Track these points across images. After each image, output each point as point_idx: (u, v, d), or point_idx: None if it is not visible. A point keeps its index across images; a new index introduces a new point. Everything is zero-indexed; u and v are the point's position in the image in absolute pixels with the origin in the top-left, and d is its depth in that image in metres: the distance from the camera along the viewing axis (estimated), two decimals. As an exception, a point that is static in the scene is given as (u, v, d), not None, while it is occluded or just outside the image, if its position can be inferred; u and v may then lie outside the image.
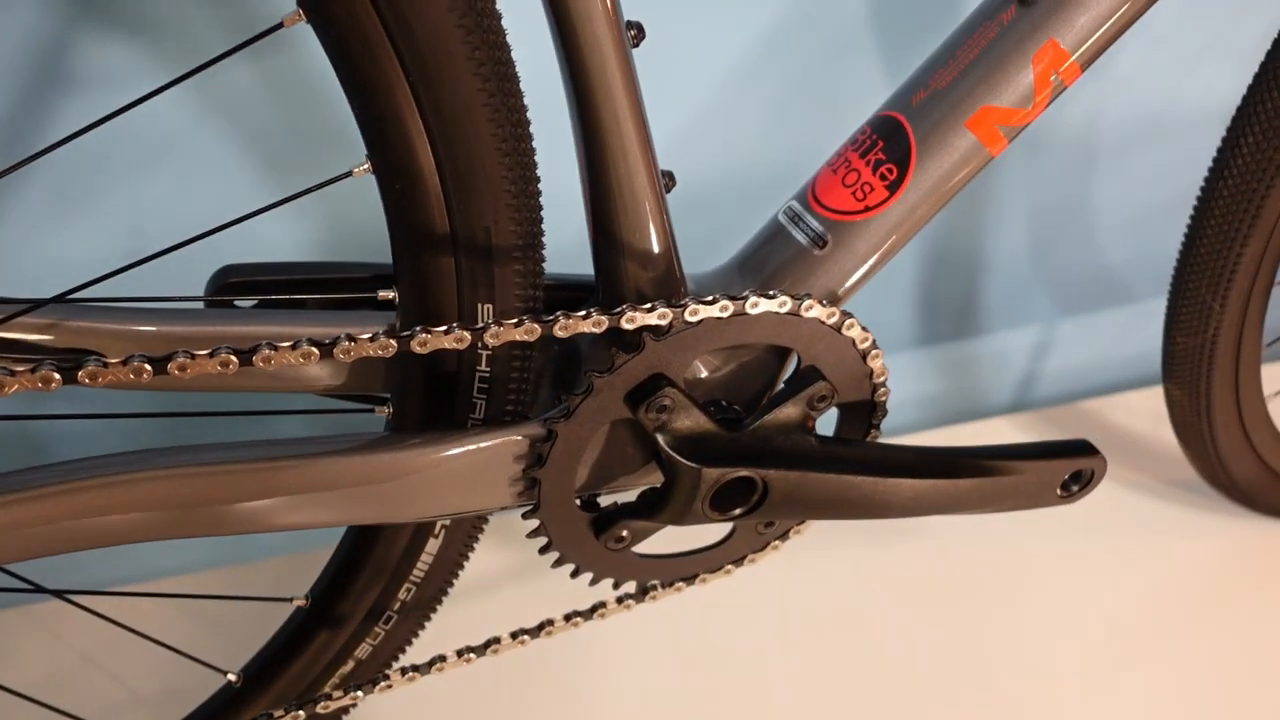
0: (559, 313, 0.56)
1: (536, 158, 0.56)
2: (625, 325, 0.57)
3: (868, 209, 0.63)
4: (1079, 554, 1.08)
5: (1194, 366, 0.88)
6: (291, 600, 0.71)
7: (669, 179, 0.60)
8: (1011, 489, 0.69)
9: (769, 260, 0.66)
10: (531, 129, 0.56)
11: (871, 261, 0.64)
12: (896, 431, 1.31)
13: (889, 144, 0.63)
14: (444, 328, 0.53)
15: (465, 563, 0.71)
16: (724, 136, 1.07)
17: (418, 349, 0.53)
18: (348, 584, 0.69)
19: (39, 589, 0.64)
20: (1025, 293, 1.35)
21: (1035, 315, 1.37)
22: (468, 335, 0.53)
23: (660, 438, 0.61)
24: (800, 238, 0.65)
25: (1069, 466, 0.70)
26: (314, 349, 0.51)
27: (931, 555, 1.08)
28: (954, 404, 1.39)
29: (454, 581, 0.72)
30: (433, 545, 0.68)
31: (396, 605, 0.70)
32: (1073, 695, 0.93)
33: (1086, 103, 1.24)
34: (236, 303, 0.67)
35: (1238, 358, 0.88)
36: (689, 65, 1.02)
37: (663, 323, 0.58)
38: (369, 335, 0.52)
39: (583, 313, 0.56)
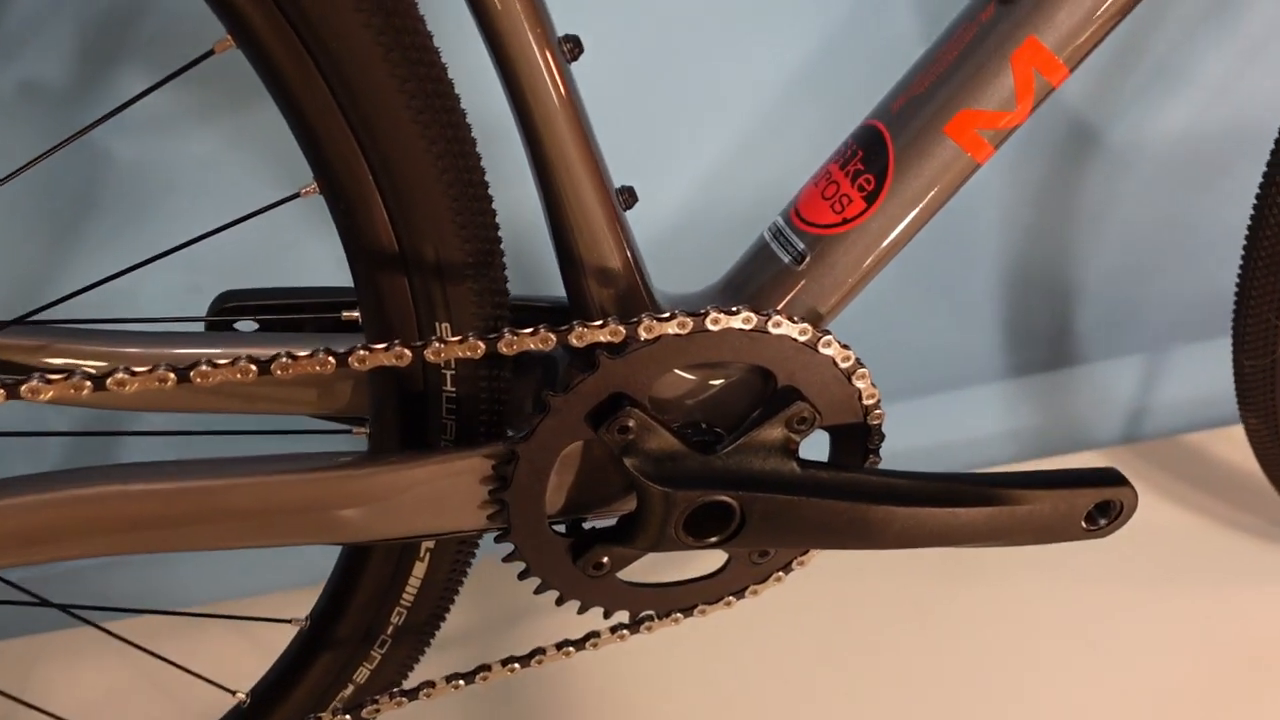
0: (505, 329, 0.55)
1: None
2: (574, 342, 0.56)
3: (845, 221, 0.61)
4: (1173, 599, 1.00)
5: (1265, 391, 0.80)
6: (291, 621, 0.72)
7: (628, 195, 0.59)
8: (1025, 520, 0.64)
9: (752, 278, 0.64)
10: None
11: (853, 278, 0.62)
12: (987, 465, 1.25)
13: (868, 154, 0.60)
14: (384, 345, 0.53)
15: (458, 587, 0.71)
16: (775, 162, 1.05)
17: (356, 365, 0.53)
18: (343, 607, 0.70)
19: (44, 602, 0.67)
20: (1126, 319, 1.27)
21: (1140, 343, 1.29)
22: (407, 352, 0.53)
23: (627, 460, 0.59)
24: (781, 254, 0.63)
25: (1092, 497, 0.65)
26: (251, 365, 0.52)
27: (997, 595, 1.02)
28: (1054, 439, 1.32)
29: (448, 607, 0.71)
30: (419, 569, 0.68)
31: (389, 629, 0.70)
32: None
33: (1178, 114, 1.16)
34: (238, 326, 0.69)
35: (1318, 381, 0.80)
36: (736, 89, 1.01)
37: (615, 340, 0.56)
38: (307, 352, 0.52)
39: (530, 329, 0.55)
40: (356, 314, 0.59)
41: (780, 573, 0.70)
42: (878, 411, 0.63)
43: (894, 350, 1.08)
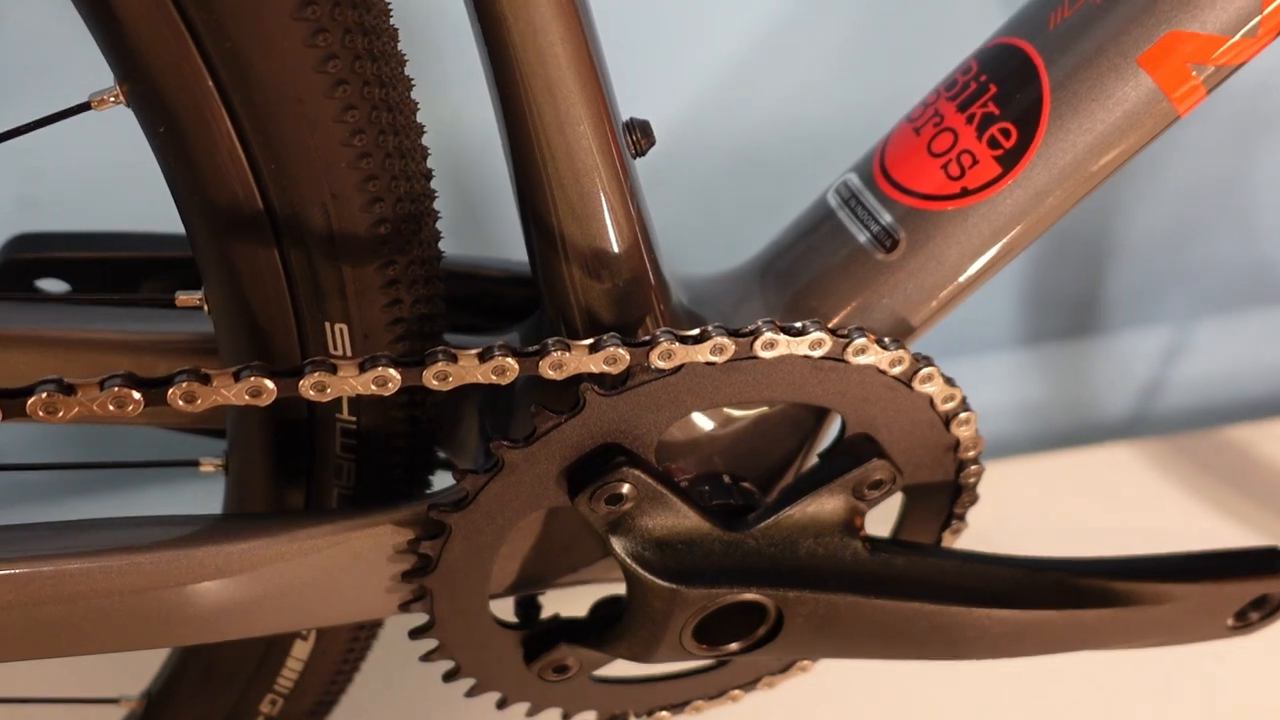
0: (437, 350, 0.34)
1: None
2: (549, 373, 0.35)
3: (966, 193, 0.40)
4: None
5: None
6: (119, 702, 0.51)
7: (640, 134, 0.37)
8: (1160, 621, 0.46)
9: (809, 264, 0.43)
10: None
11: (966, 275, 0.41)
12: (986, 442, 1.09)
13: (1006, 91, 0.40)
14: (232, 372, 0.32)
15: (358, 664, 0.51)
16: (785, 87, 0.84)
17: (181, 405, 0.31)
18: (190, 687, 0.50)
19: None
20: (1158, 285, 1.12)
21: (1167, 312, 1.14)
22: (269, 386, 0.32)
23: (616, 542, 0.39)
24: (857, 232, 0.42)
25: (1247, 592, 0.47)
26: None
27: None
28: (1060, 415, 1.19)
29: (343, 689, 0.51)
30: (301, 648, 0.47)
31: (259, 720, 0.50)
32: None
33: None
34: (44, 287, 0.47)
35: None
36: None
37: (613, 370, 0.35)
38: (93, 381, 0.31)
39: (478, 350, 0.34)
40: (199, 298, 0.37)
41: (807, 660, 0.51)
42: (975, 467, 0.44)
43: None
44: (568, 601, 0.46)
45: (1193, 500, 0.99)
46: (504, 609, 0.45)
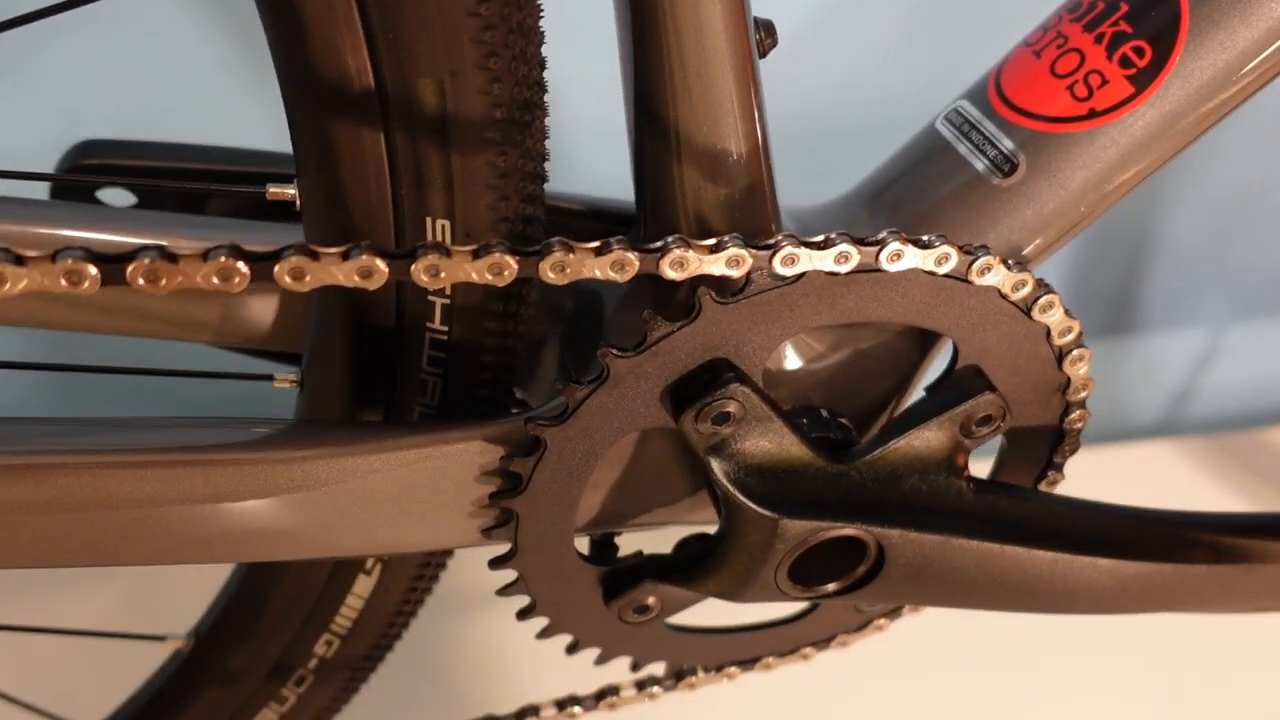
0: (554, 240, 0.32)
1: None
2: (668, 270, 0.33)
3: (1094, 114, 0.38)
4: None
5: None
6: (166, 639, 0.49)
7: (765, 34, 0.35)
8: (1268, 583, 0.44)
9: (920, 190, 0.41)
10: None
11: (1089, 200, 0.40)
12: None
13: (1140, 8, 0.38)
14: (340, 250, 0.30)
15: (419, 605, 0.49)
16: (850, 52, 0.82)
17: (288, 282, 0.29)
18: (241, 627, 0.47)
19: None
20: (1195, 287, 1.11)
21: (1203, 315, 1.13)
22: (381, 266, 0.30)
23: (717, 464, 0.37)
24: (974, 159, 0.40)
25: None
26: (90, 267, 0.28)
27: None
28: (1096, 412, 1.16)
29: (400, 633, 0.49)
30: (364, 585, 0.45)
31: (312, 662, 0.48)
32: None
33: None
34: (104, 198, 0.45)
35: None
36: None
37: (735, 273, 0.33)
38: (196, 252, 0.29)
39: (595, 244, 0.32)
40: (291, 191, 0.35)
41: (884, 619, 0.49)
42: (1081, 411, 0.42)
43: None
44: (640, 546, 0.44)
45: (1232, 499, 0.98)
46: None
